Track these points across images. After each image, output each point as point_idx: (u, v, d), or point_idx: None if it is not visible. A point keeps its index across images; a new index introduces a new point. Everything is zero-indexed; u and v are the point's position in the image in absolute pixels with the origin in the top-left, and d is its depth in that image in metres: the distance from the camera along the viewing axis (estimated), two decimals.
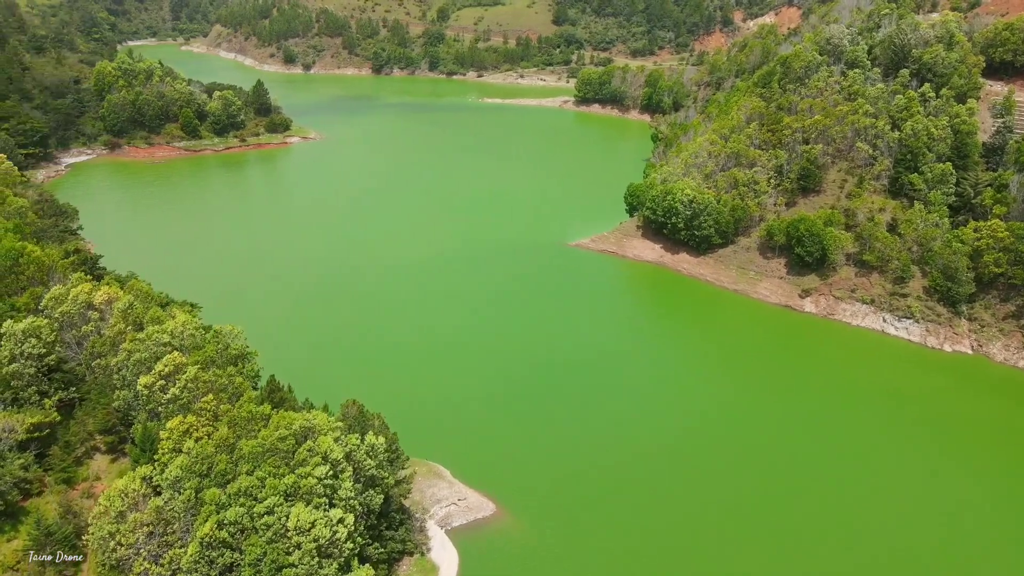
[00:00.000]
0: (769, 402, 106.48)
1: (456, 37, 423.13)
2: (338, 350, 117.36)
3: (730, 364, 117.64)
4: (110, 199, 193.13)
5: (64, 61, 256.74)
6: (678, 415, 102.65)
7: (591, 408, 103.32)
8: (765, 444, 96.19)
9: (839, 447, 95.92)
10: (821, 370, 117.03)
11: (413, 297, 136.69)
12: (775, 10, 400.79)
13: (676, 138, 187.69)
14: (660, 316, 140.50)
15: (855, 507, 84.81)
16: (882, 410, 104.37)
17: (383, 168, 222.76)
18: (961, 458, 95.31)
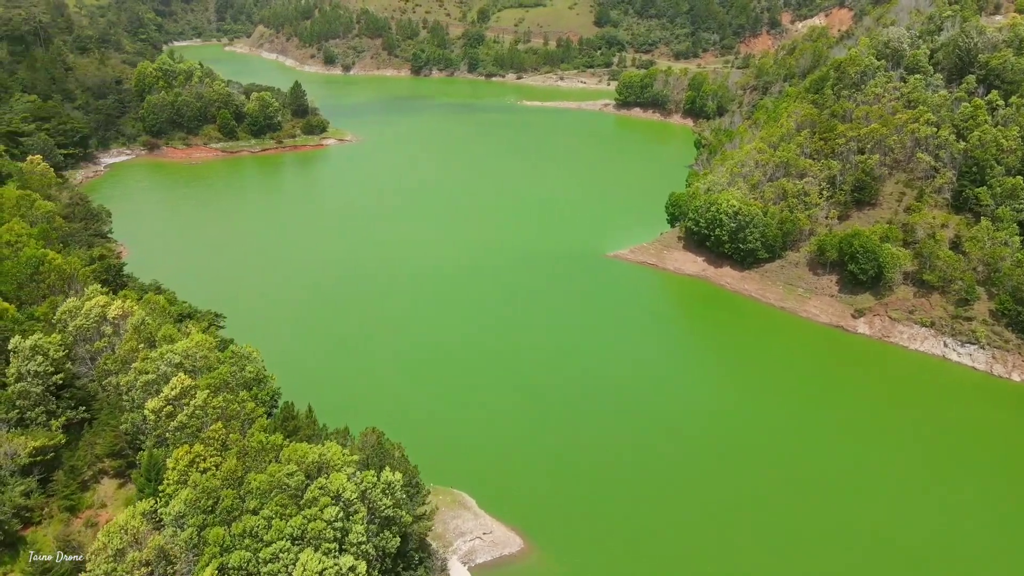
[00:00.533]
0: (821, 432, 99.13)
1: (496, 38, 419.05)
2: (363, 362, 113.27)
3: (777, 389, 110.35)
4: (145, 200, 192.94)
5: (107, 61, 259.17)
6: (722, 444, 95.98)
7: (627, 433, 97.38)
8: (817, 480, 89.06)
9: (898, 485, 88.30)
10: (876, 397, 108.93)
11: (442, 308, 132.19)
12: (825, 11, 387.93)
13: (721, 145, 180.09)
14: (701, 334, 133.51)
15: (922, 555, 77.40)
16: (944, 445, 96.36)
17: (418, 172, 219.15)
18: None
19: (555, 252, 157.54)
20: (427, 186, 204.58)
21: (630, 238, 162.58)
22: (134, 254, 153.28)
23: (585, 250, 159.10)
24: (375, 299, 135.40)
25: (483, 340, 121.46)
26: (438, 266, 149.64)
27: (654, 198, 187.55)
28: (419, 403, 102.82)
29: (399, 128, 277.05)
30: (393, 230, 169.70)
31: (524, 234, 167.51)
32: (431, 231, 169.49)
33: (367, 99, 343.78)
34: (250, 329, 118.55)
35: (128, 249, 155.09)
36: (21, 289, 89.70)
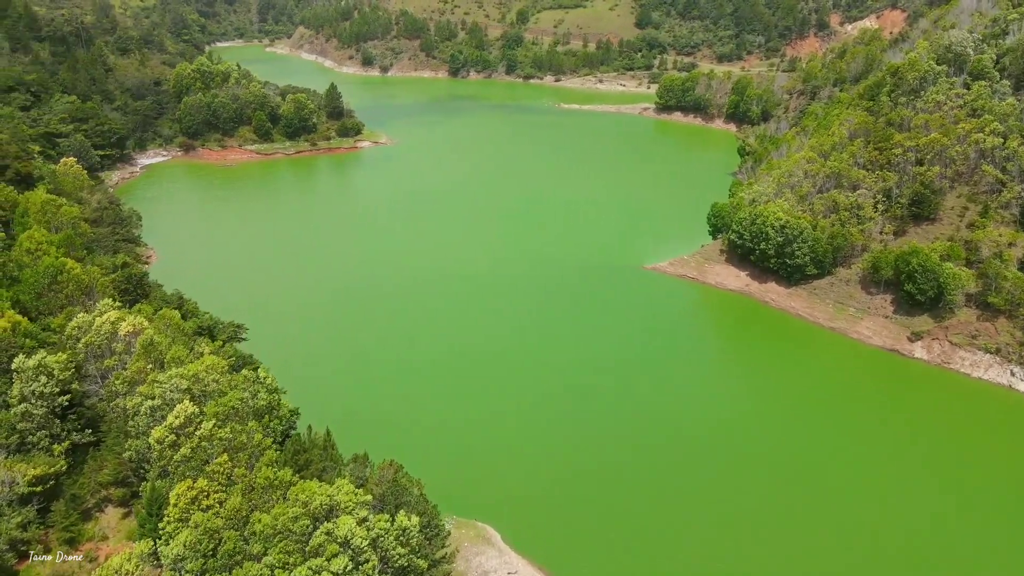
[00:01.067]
0: (874, 464, 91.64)
1: (535, 40, 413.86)
2: (386, 375, 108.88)
3: (827, 415, 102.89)
4: (178, 203, 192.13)
5: (147, 63, 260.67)
6: (771, 476, 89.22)
7: (667, 460, 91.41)
8: (871, 516, 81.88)
9: (959, 527, 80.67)
10: (934, 428, 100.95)
11: (470, 319, 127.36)
12: (876, 13, 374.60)
13: (767, 153, 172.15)
14: (745, 354, 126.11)
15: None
16: (1010, 483, 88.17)
17: (451, 175, 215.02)
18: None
19: (591, 262, 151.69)
20: (459, 190, 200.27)
21: (670, 250, 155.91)
22: (163, 258, 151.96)
23: (622, 261, 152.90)
24: (401, 308, 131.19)
25: (513, 355, 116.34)
26: (467, 275, 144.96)
27: (695, 207, 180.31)
28: (443, 422, 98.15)
29: (434, 130, 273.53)
30: (423, 236, 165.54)
31: (558, 242, 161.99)
32: (461, 237, 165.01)
33: (403, 101, 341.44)
34: (273, 339, 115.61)
35: (157, 253, 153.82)
36: (39, 299, 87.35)
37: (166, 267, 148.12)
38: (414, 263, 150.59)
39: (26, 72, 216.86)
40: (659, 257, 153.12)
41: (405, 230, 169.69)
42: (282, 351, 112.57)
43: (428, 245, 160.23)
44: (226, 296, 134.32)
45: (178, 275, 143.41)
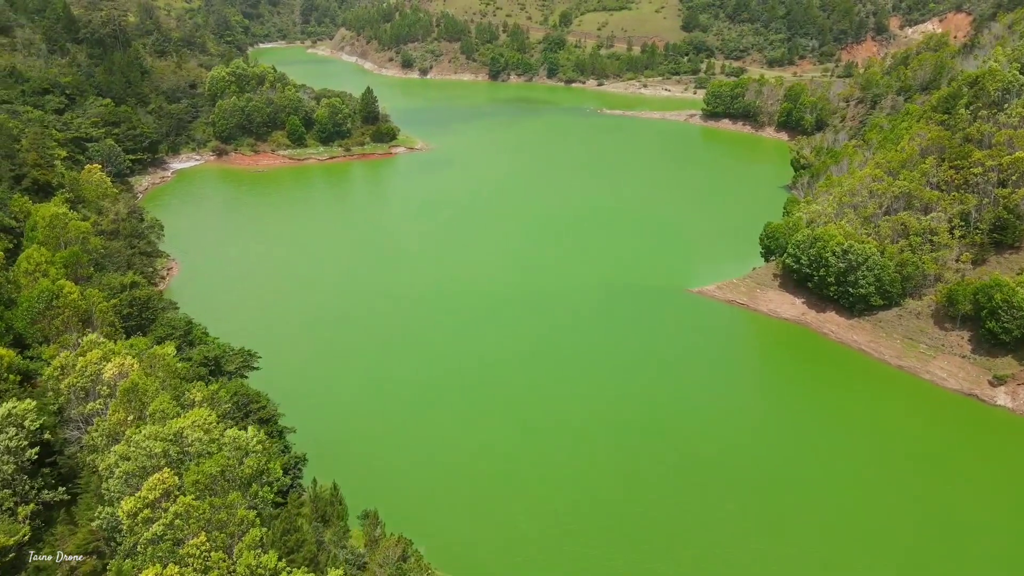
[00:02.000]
0: (957, 533, 79.95)
1: (577, 43, 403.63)
2: (405, 410, 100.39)
3: (898, 470, 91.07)
4: (205, 209, 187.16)
5: (184, 65, 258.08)
6: (830, 537, 78.23)
7: (715, 515, 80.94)
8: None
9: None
10: (1020, 488, 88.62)
11: (496, 347, 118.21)
12: (939, 16, 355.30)
13: (825, 168, 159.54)
14: (800, 394, 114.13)
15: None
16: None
17: (485, 184, 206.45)
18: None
19: (630, 283, 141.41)
20: (493, 200, 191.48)
21: (717, 271, 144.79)
22: (184, 270, 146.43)
23: (664, 282, 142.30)
24: (425, 331, 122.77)
25: (543, 386, 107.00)
26: (496, 294, 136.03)
27: (744, 225, 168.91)
28: (466, 467, 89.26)
29: (471, 136, 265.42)
30: (452, 249, 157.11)
31: (595, 259, 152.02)
32: (492, 252, 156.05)
33: (441, 104, 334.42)
34: (288, 365, 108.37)
35: (179, 264, 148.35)
36: (34, 325, 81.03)
37: (187, 279, 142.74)
38: (441, 279, 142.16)
39: (62, 74, 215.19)
40: (705, 279, 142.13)
41: (434, 243, 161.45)
42: (296, 379, 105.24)
43: (457, 260, 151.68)
44: (244, 312, 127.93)
45: (198, 288, 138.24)
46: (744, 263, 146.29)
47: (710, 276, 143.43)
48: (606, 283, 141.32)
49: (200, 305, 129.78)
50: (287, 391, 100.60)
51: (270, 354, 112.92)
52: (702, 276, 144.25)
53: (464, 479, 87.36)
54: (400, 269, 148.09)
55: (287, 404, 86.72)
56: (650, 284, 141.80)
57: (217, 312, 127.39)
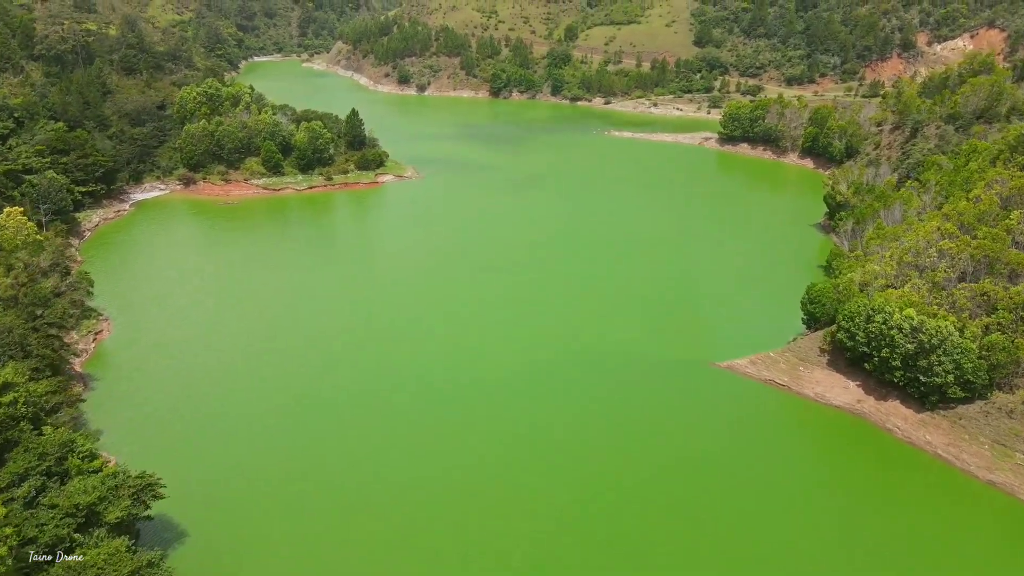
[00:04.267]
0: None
1: (583, 59, 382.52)
2: (381, 534, 76.89)
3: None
4: (160, 249, 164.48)
5: (154, 84, 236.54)
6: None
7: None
8: None
9: None
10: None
11: (484, 439, 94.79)
12: (970, 32, 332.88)
13: (872, 213, 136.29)
14: (859, 509, 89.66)
15: None
16: None
17: (474, 221, 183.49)
18: None
19: (644, 353, 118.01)
20: (483, 242, 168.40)
21: (748, 339, 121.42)
22: (117, 332, 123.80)
23: (684, 353, 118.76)
24: (405, 425, 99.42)
25: (538, 493, 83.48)
26: (482, 369, 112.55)
27: (776, 274, 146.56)
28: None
29: (466, 162, 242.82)
30: (436, 312, 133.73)
31: (603, 321, 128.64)
32: (478, 311, 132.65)
33: (437, 124, 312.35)
34: (221, 481, 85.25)
35: (111, 325, 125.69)
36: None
37: (117, 345, 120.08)
38: (425, 351, 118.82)
39: (12, 95, 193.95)
40: (734, 350, 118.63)
41: (417, 301, 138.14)
42: (230, 510, 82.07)
43: (442, 325, 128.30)
44: (178, 395, 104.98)
45: (127, 358, 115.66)
46: (780, 329, 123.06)
47: (740, 345, 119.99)
48: (616, 353, 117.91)
49: (122, 385, 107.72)
50: (205, 539, 77.88)
51: (194, 465, 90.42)
52: (730, 344, 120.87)
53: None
54: (377, 336, 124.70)
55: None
56: (668, 355, 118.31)
57: (141, 396, 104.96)
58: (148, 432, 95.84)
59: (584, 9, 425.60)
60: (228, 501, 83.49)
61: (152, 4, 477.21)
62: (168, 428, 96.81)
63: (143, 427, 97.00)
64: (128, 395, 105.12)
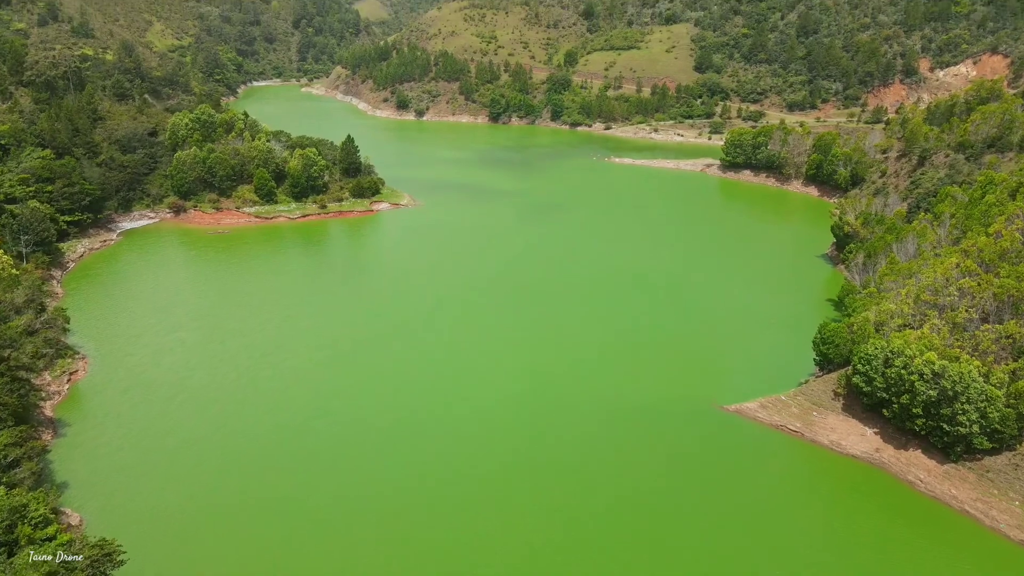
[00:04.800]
0: None
1: (583, 84, 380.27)
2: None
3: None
4: (146, 280, 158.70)
5: (147, 110, 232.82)
6: None
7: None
8: None
9: None
10: None
11: (476, 493, 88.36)
12: (973, 58, 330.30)
13: (884, 246, 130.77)
14: (881, 568, 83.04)
15: None
16: None
17: (471, 254, 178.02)
18: None
19: (645, 395, 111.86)
20: (477, 277, 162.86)
21: (756, 380, 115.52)
22: (94, 371, 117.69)
23: (691, 395, 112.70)
24: (384, 471, 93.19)
25: (537, 534, 77.12)
26: (479, 409, 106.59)
27: (783, 309, 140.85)
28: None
29: (463, 189, 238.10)
30: (425, 347, 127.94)
31: (601, 362, 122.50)
32: (473, 351, 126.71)
33: (434, 150, 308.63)
34: (178, 544, 78.82)
35: (88, 363, 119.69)
36: None
37: (93, 385, 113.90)
38: (417, 396, 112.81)
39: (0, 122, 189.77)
40: (744, 392, 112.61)
41: (403, 343, 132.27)
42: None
43: (433, 364, 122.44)
44: (150, 443, 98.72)
45: (102, 400, 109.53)
46: (791, 369, 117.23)
47: (749, 386, 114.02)
48: (618, 395, 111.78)
49: (93, 432, 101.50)
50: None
51: (169, 522, 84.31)
52: (738, 385, 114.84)
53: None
54: (366, 379, 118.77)
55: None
56: (671, 397, 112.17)
57: (113, 443, 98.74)
58: (117, 485, 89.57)
59: (584, 35, 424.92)
60: (198, 564, 77.00)
61: (151, 30, 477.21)
62: (138, 481, 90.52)
63: (112, 479, 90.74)
64: (99, 443, 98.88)
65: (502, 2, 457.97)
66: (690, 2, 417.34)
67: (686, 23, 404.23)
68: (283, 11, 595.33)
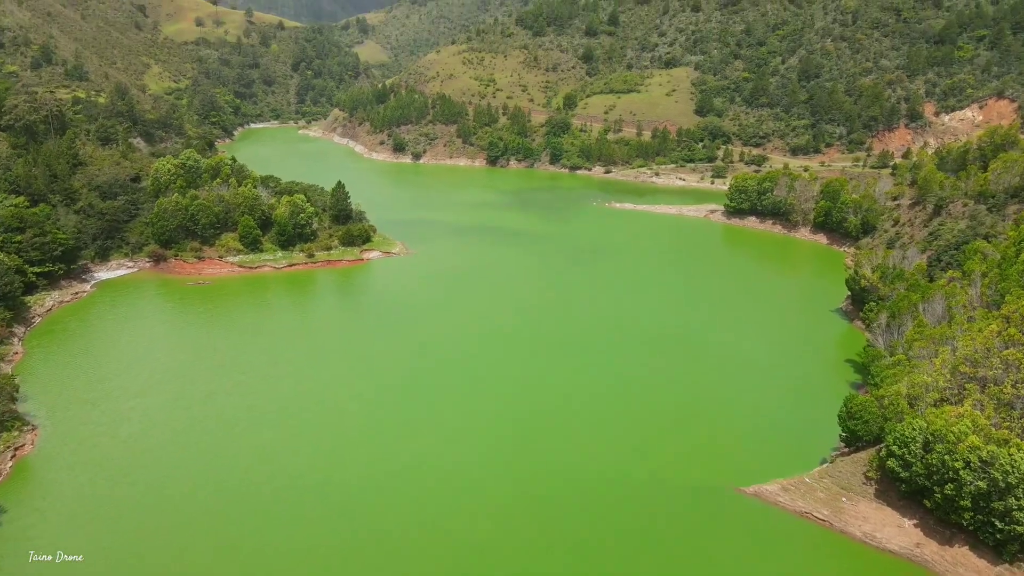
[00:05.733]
0: None
1: (583, 127, 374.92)
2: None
3: None
4: (116, 337, 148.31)
5: (131, 154, 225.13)
6: None
7: None
8: None
9: None
10: None
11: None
12: (979, 103, 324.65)
13: (909, 306, 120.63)
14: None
15: None
16: None
17: (465, 309, 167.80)
18: None
19: (653, 477, 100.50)
20: (474, 336, 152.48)
21: (776, 457, 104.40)
22: (45, 443, 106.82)
23: (705, 475, 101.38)
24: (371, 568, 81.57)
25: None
26: (480, 499, 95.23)
27: (800, 372, 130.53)
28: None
29: (457, 235, 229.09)
30: (404, 415, 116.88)
31: (602, 439, 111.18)
32: (458, 422, 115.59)
33: (430, 194, 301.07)
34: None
35: (39, 435, 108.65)
36: None
37: (42, 460, 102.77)
38: (383, 479, 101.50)
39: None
40: (762, 471, 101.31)
41: (388, 416, 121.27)
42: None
43: (406, 443, 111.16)
44: (97, 538, 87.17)
45: (48, 479, 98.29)
46: (813, 442, 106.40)
47: (768, 464, 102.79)
48: (623, 478, 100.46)
49: (32, 520, 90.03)
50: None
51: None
52: (756, 464, 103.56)
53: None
54: (343, 457, 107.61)
55: None
56: (682, 475, 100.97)
57: (52, 534, 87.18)
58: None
59: (583, 78, 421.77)
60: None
61: (149, 72, 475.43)
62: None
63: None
64: (37, 534, 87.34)
65: (500, 45, 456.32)
66: (689, 46, 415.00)
67: (686, 67, 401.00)
68: (282, 54, 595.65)
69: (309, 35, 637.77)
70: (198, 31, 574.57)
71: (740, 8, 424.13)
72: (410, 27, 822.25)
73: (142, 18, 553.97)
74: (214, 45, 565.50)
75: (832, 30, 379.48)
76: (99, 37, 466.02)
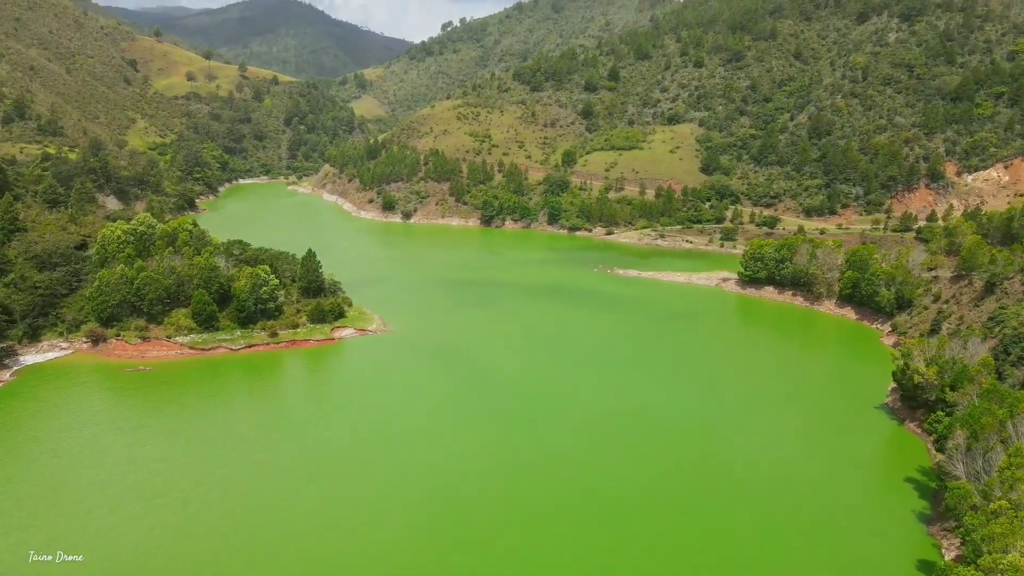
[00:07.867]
0: None
1: (582, 185, 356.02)
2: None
3: None
4: (12, 447, 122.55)
5: (82, 219, 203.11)
6: None
7: None
8: None
9: None
10: None
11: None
12: (1004, 162, 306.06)
13: (993, 424, 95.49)
14: None
15: None
16: None
17: (447, 407, 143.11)
18: None
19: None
20: (456, 441, 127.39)
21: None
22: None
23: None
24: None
25: None
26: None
27: (847, 496, 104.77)
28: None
29: (445, 309, 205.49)
30: (371, 544, 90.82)
31: (611, 562, 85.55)
32: (432, 555, 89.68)
33: (417, 257, 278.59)
34: None
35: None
36: None
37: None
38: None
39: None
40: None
41: (366, 541, 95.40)
42: None
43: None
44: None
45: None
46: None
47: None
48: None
49: None
50: None
51: None
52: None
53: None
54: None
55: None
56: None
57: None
58: None
59: (583, 134, 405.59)
60: None
61: (134, 127, 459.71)
62: None
63: None
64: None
65: (497, 100, 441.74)
66: (693, 102, 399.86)
67: (690, 123, 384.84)
68: (276, 109, 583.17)
69: (304, 89, 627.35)
70: (189, 86, 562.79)
71: (744, 64, 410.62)
72: (408, 82, 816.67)
73: (132, 72, 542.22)
74: (205, 99, 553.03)
75: (842, 86, 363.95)
76: (83, 91, 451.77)
